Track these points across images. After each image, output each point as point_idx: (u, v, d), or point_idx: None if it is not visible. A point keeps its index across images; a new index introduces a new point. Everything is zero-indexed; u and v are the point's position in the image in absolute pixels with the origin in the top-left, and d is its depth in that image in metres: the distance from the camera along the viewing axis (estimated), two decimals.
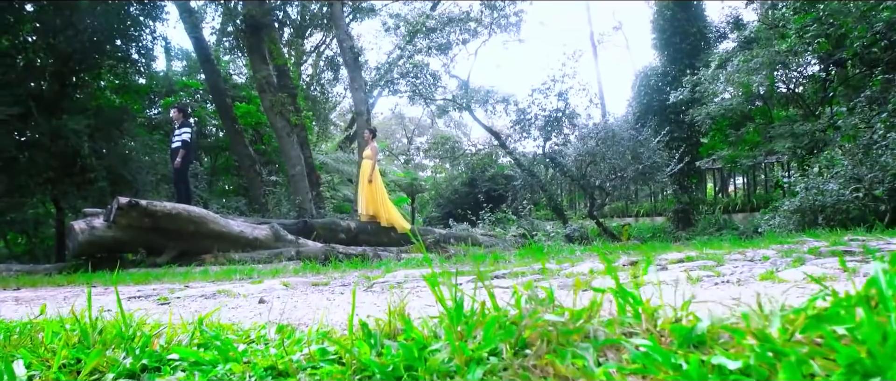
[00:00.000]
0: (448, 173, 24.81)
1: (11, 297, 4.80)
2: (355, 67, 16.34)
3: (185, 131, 11.92)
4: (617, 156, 15.64)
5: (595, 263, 3.68)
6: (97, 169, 13.87)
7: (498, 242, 13.68)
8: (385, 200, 13.31)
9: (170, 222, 9.36)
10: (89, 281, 6.54)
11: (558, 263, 4.01)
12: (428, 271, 3.78)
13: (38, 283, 6.67)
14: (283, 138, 15.79)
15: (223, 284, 4.68)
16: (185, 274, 6.70)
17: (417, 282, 3.46)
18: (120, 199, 9.00)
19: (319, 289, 3.55)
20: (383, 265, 5.73)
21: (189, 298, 3.55)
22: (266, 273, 5.99)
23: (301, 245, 10.97)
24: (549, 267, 3.55)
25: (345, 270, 5.56)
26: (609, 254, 5.03)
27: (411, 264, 5.67)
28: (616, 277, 1.26)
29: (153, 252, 9.68)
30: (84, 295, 4.83)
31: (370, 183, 12.93)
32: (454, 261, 5.83)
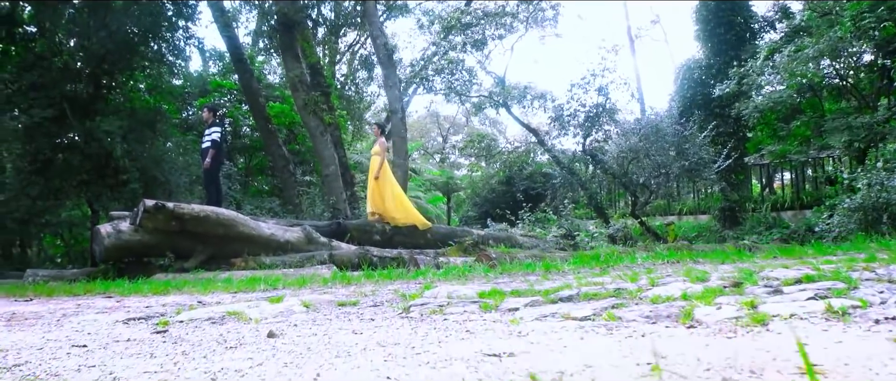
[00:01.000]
0: (484, 172, 24.09)
1: (10, 312, 4.27)
2: (389, 64, 15.74)
3: (215, 131, 11.44)
4: (661, 152, 14.79)
5: (681, 282, 2.98)
6: (130, 171, 13.48)
7: (539, 243, 12.96)
8: (398, 197, 12.38)
9: (198, 226, 8.85)
10: (107, 290, 6.02)
11: (629, 278, 3.32)
12: (473, 286, 3.10)
13: (55, 292, 6.17)
14: (317, 138, 15.26)
15: (241, 299, 4.08)
16: (208, 283, 6.14)
17: (464, 306, 2.80)
18: (146, 202, 8.51)
19: (346, 314, 2.91)
20: (421, 275, 5.09)
21: (193, 323, 2.94)
22: (292, 283, 5.38)
23: (334, 248, 10.39)
24: (624, 287, 2.87)
25: (378, 281, 4.92)
26: (682, 263, 4.31)
27: (452, 273, 5.01)
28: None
29: (182, 256, 9.17)
30: (85, 312, 4.27)
31: (376, 180, 12.06)
32: (500, 270, 5.16)
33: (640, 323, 2.10)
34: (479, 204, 20.59)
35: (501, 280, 4.22)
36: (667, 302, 2.42)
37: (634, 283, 3.03)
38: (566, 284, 3.20)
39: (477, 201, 20.81)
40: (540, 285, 3.38)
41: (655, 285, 2.90)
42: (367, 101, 28.78)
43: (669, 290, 2.63)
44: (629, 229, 15.49)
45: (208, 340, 2.41)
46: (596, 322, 2.14)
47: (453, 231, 12.35)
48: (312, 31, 20.93)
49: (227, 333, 2.55)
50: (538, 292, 2.96)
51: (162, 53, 15.20)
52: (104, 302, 4.81)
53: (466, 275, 4.80)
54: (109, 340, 2.62)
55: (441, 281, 4.50)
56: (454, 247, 10.70)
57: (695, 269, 3.76)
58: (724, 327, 1.91)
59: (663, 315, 2.17)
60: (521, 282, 3.83)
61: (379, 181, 12.06)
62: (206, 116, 11.81)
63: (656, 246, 10.82)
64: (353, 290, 4.24)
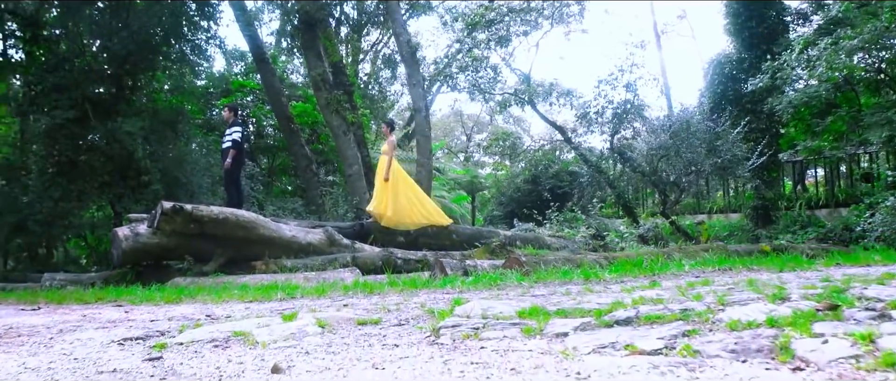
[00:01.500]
0: (509, 171, 23.59)
1: (8, 326, 3.94)
2: (412, 62, 15.35)
3: (236, 131, 11.15)
4: (692, 150, 14.23)
5: (757, 301, 2.53)
6: (152, 172, 13.24)
7: (567, 244, 12.50)
8: (414, 196, 11.74)
9: (217, 228, 8.53)
10: (118, 298, 5.70)
11: (693, 297, 2.86)
12: (508, 300, 2.68)
13: (65, 299, 5.86)
14: (340, 137, 14.92)
15: (254, 312, 3.71)
16: (223, 289, 5.80)
17: (502, 328, 2.38)
18: (164, 204, 8.21)
19: (366, 337, 2.52)
20: (449, 283, 4.68)
21: (193, 347, 2.56)
22: (311, 291, 5.01)
23: (357, 250, 10.03)
24: (690, 307, 2.43)
25: (403, 290, 4.53)
26: (736, 271, 3.85)
27: (482, 282, 4.59)
28: None
29: (201, 259, 8.87)
30: (85, 328, 3.92)
31: (386, 181, 11.40)
32: (534, 278, 4.73)
33: (726, 361, 1.67)
34: (505, 203, 20.12)
35: (538, 291, 3.80)
36: (750, 329, 1.99)
37: (699, 301, 2.59)
38: (617, 301, 2.77)
39: (502, 201, 20.34)
40: (585, 301, 2.95)
41: (726, 305, 2.46)
42: (391, 100, 28.43)
43: (748, 312, 2.20)
44: (659, 228, 14.96)
45: (204, 374, 2.03)
46: (671, 358, 1.72)
47: (479, 232, 11.94)
48: (335, 30, 20.61)
49: (228, 363, 2.16)
50: (587, 311, 2.53)
51: (184, 53, 14.98)
52: (111, 313, 4.48)
53: (498, 284, 4.39)
54: (94, 370, 2.25)
55: (471, 291, 4.10)
56: (481, 249, 10.29)
57: (758, 280, 3.32)
58: (843, 372, 1.49)
59: (752, 349, 1.74)
60: (561, 295, 3.40)
61: (389, 183, 11.48)
62: (226, 115, 11.53)
63: (690, 246, 10.33)
64: (375, 302, 3.85)
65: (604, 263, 7.73)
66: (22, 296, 6.54)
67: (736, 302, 2.51)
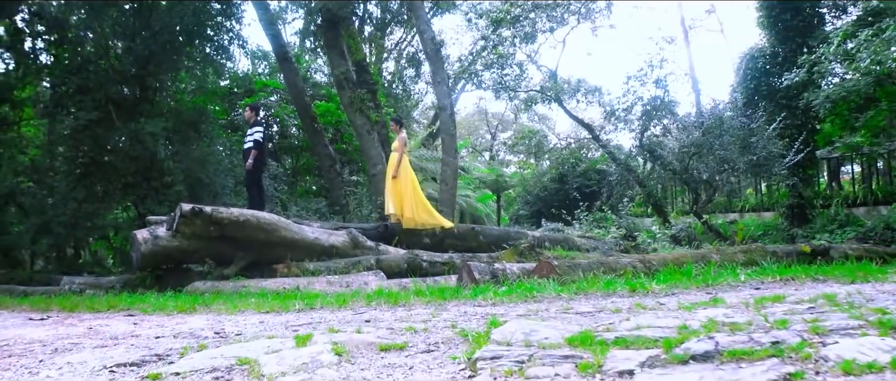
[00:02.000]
0: (535, 170, 23.11)
1: (4, 341, 3.62)
2: (437, 59, 14.95)
3: (257, 131, 10.83)
4: (725, 147, 13.65)
5: (863, 331, 2.08)
6: (175, 173, 13.02)
7: (598, 244, 12.01)
8: (417, 197, 11.33)
9: (238, 231, 8.22)
10: (132, 306, 5.38)
11: (777, 323, 2.41)
12: (552, 321, 2.27)
13: (78, 306, 5.56)
14: (363, 136, 14.58)
15: (268, 327, 3.34)
16: (241, 297, 5.46)
17: (552, 361, 1.97)
18: (183, 206, 7.91)
19: (389, 367, 2.12)
20: (481, 293, 4.27)
21: (190, 378, 2.19)
22: (332, 301, 4.63)
23: (381, 253, 9.67)
24: (783, 338, 1.98)
25: (430, 302, 4.13)
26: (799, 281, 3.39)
27: (517, 293, 4.18)
28: None
29: (222, 262, 8.57)
30: (82, 346, 3.58)
31: (394, 179, 11.05)
32: (574, 288, 4.31)
33: None
34: (531, 202, 19.66)
35: (581, 306, 3.38)
36: (873, 374, 1.56)
37: (786, 329, 2.15)
38: (683, 325, 2.34)
39: (529, 200, 19.88)
40: (643, 323, 2.52)
41: (822, 334, 2.02)
42: (415, 99, 28.08)
43: (860, 349, 1.76)
44: (692, 228, 14.41)
45: None
46: None
47: (506, 233, 11.50)
48: (359, 28, 20.29)
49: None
50: (652, 340, 2.11)
51: (207, 54, 14.74)
52: (118, 325, 4.14)
53: (535, 295, 3.97)
54: None
55: (506, 305, 3.69)
56: (509, 251, 9.86)
57: (836, 296, 2.87)
58: None
59: None
60: (610, 313, 2.98)
61: (397, 181, 11.11)
62: (248, 115, 11.23)
63: (727, 248, 9.84)
64: (400, 317, 3.45)
65: (640, 266, 7.28)
66: (37, 302, 6.25)
67: (834, 330, 2.07)
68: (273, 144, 18.14)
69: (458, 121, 36.52)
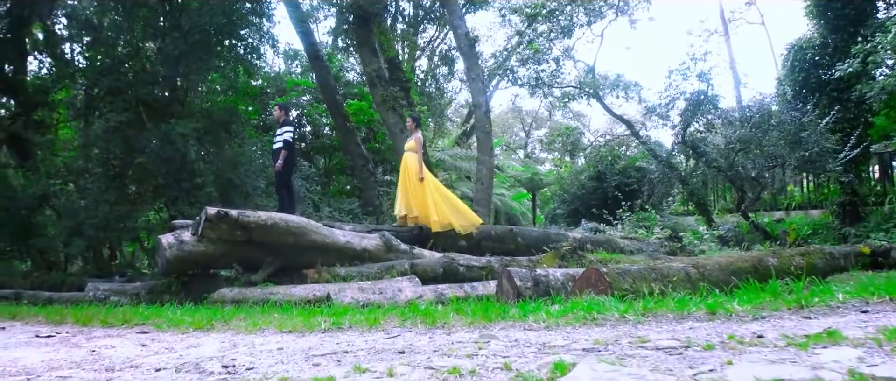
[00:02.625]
0: (572, 167, 22.38)
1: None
2: (471, 55, 14.37)
3: (287, 131, 10.38)
4: (774, 142, 12.86)
5: None
6: (205, 174, 12.66)
7: (642, 246, 11.33)
8: (443, 198, 10.54)
9: (265, 235, 7.75)
10: (147, 321, 4.93)
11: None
12: (628, 358, 1.71)
13: (91, 319, 5.13)
14: (396, 135, 14.08)
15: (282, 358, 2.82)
16: (263, 311, 4.98)
17: None
18: (208, 210, 7.47)
19: None
20: (531, 313, 3.69)
21: None
22: (361, 320, 4.10)
23: (415, 256, 9.13)
24: None
25: (472, 323, 3.57)
26: None
27: (574, 314, 3.59)
28: None
29: (250, 267, 8.12)
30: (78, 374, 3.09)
31: (422, 181, 10.33)
32: (640, 308, 3.70)
33: None
34: (568, 201, 18.96)
35: (655, 334, 2.79)
36: None
37: None
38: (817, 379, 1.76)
39: (566, 198, 19.17)
40: (760, 373, 1.93)
41: None
42: (448, 97, 27.53)
43: None
44: (738, 228, 13.63)
45: None
46: None
47: (546, 234, 10.86)
48: (391, 26, 19.80)
49: None
50: None
51: (237, 53, 14.36)
52: (124, 348, 3.67)
53: (594, 317, 3.38)
54: None
55: (563, 330, 3.11)
56: (550, 254, 9.25)
57: None
58: None
59: None
60: (700, 349, 2.38)
61: (423, 183, 10.39)
62: (277, 114, 10.79)
63: (783, 250, 9.11)
64: (439, 346, 2.90)
65: (693, 272, 6.63)
66: (54, 313, 5.85)
67: None
68: (305, 143, 17.76)
69: (492, 118, 35.92)
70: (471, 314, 3.77)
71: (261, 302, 7.11)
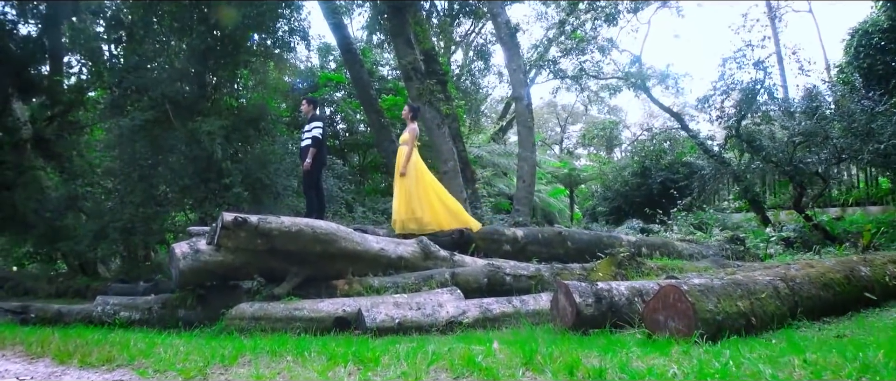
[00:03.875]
0: (613, 163, 21.04)
1: None
2: (512, 44, 13.26)
3: (316, 126, 9.43)
4: (843, 134, 11.49)
5: None
6: (233, 173, 11.76)
7: (701, 249, 10.11)
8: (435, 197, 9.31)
9: (289, 243, 6.76)
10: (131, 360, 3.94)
11: None
12: None
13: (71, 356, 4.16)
14: (433, 131, 13.03)
15: None
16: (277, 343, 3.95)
17: None
18: (225, 216, 6.49)
19: None
20: (613, 349, 2.61)
21: None
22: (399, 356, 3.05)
23: (456, 264, 8.06)
24: None
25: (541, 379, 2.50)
26: None
27: (665, 355, 2.49)
28: None
29: (274, 278, 7.14)
30: None
31: (402, 176, 9.10)
32: (753, 352, 2.58)
33: None
34: (611, 198, 17.71)
35: None
36: None
37: None
38: None
39: (608, 196, 17.92)
40: None
41: None
42: (484, 92, 26.40)
43: None
44: (803, 229, 12.29)
45: None
46: None
47: (598, 237, 9.66)
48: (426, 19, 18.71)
49: None
50: None
51: (267, 46, 13.45)
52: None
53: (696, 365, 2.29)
54: None
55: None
56: (605, 262, 8.09)
57: None
58: None
59: None
60: None
61: (407, 179, 9.13)
62: (305, 109, 9.79)
63: (874, 256, 7.84)
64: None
65: (783, 288, 5.48)
66: (41, 339, 4.92)
67: None
68: (339, 141, 16.81)
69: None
70: (544, 366, 2.69)
71: (283, 320, 6.19)
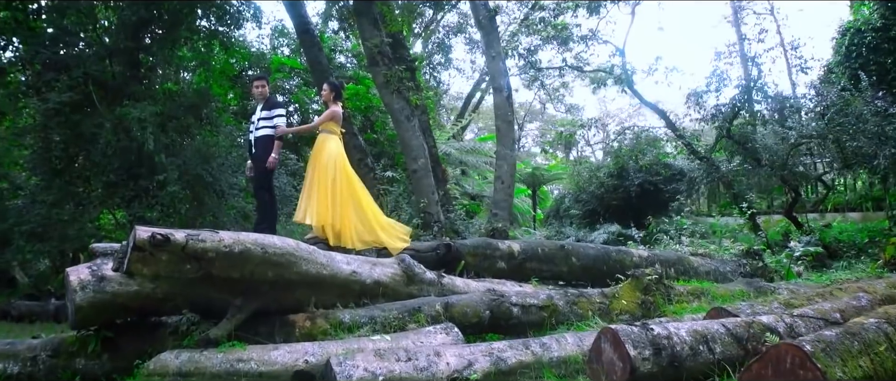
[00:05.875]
0: (589, 163, 19.45)
1: None
2: (491, 29, 11.43)
3: (279, 113, 7.36)
4: (855, 137, 10.12)
5: None
6: (169, 169, 9.61)
7: (717, 265, 8.49)
8: (366, 205, 7.06)
9: (232, 268, 4.73)
10: None
11: None
12: None
13: None
14: (402, 123, 11.12)
15: None
16: None
17: None
18: (138, 232, 4.39)
19: None
20: None
21: None
22: None
23: (446, 289, 6.18)
24: None
25: None
26: None
27: None
28: None
29: (211, 312, 5.13)
30: None
31: (318, 170, 6.84)
32: None
33: None
34: (585, 201, 16.12)
35: None
36: None
37: None
38: None
39: (582, 197, 16.32)
40: None
41: None
42: (442, 88, 24.49)
43: None
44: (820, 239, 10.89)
45: None
46: None
47: (606, 253, 7.87)
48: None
49: None
50: None
51: (210, 24, 11.28)
52: None
53: None
54: None
55: None
56: (628, 286, 6.34)
57: None
58: None
59: None
60: None
61: (317, 178, 6.81)
62: (260, 91, 7.58)
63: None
64: None
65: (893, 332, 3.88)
66: None
67: None
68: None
69: (483, 112, 32.84)
70: None
71: (222, 376, 4.28)
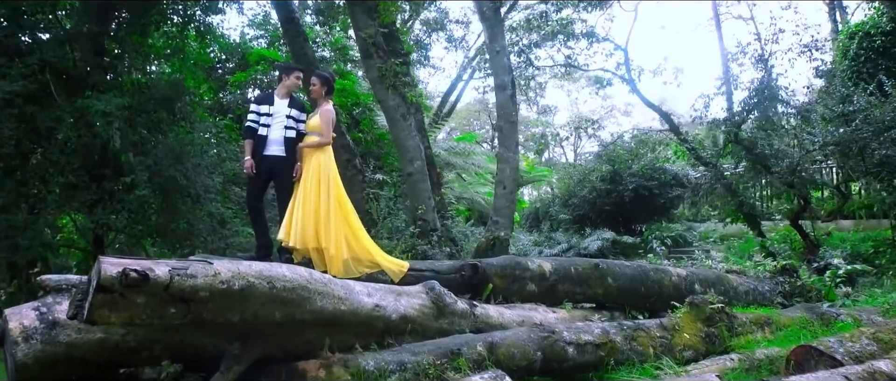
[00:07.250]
0: (581, 166, 18.47)
1: None
2: (495, 22, 10.29)
3: (304, 119, 5.96)
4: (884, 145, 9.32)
5: None
6: (137, 169, 8.22)
7: (756, 285, 7.51)
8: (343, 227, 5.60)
9: (231, 309, 3.49)
10: None
11: None
12: None
13: None
14: (397, 122, 9.90)
15: None
16: None
17: None
18: (104, 265, 3.08)
19: None
20: None
21: None
22: None
23: (479, 320, 5.03)
24: None
25: None
26: None
27: None
28: None
29: (200, 362, 3.89)
30: None
31: (296, 181, 5.65)
32: None
33: None
34: (576, 205, 15.13)
35: None
36: None
37: None
38: None
39: (572, 202, 15.33)
40: None
41: None
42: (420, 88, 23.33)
43: None
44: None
45: None
46: None
47: (642, 271, 6.74)
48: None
49: None
50: None
51: (185, 10, 9.87)
52: None
53: None
54: None
55: None
56: (688, 316, 5.28)
57: None
58: None
59: None
60: None
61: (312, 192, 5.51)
62: (292, 83, 6.03)
63: None
64: None
65: None
66: None
67: None
68: None
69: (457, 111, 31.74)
70: None
71: None
